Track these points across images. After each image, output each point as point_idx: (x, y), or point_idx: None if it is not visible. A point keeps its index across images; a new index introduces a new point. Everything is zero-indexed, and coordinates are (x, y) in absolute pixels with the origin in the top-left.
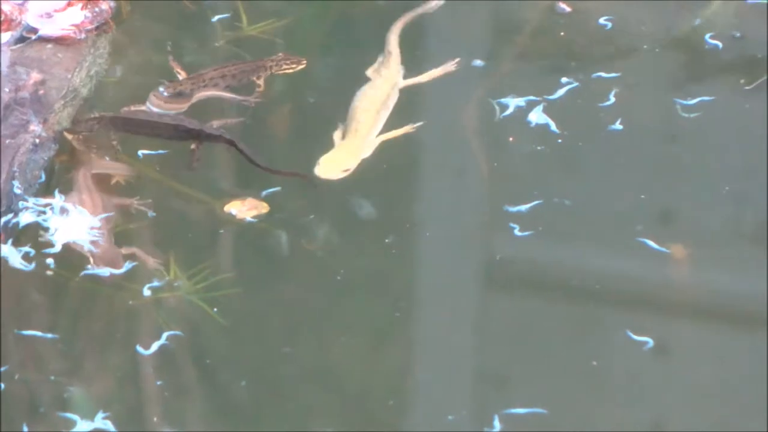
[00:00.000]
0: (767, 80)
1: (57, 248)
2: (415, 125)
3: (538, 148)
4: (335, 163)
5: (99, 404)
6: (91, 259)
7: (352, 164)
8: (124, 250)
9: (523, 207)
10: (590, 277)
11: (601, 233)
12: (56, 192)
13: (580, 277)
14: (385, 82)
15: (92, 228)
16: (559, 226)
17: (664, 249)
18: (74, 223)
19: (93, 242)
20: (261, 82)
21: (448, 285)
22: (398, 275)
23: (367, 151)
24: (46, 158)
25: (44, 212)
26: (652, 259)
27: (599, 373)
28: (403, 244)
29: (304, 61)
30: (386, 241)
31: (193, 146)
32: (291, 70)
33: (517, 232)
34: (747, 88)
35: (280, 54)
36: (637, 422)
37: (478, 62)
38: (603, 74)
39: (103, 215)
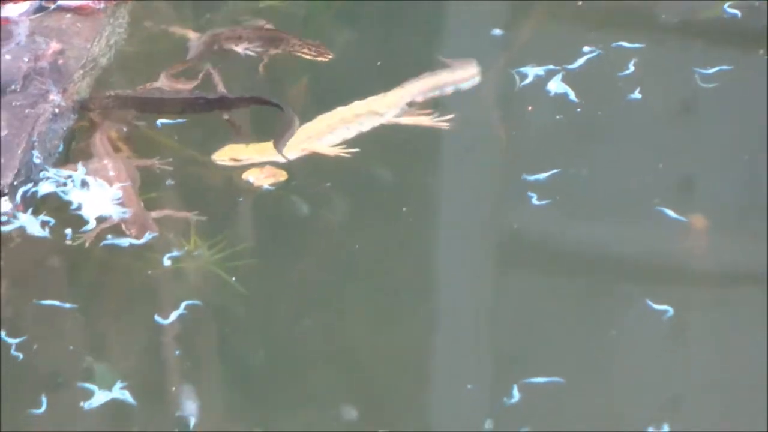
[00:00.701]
0: None
1: (92, 225)
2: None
3: (557, 117)
4: (233, 151)
5: (117, 375)
6: (123, 226)
7: (247, 159)
8: (154, 214)
9: (541, 176)
10: (608, 246)
11: (620, 202)
12: (79, 165)
13: (599, 246)
14: (364, 106)
15: (117, 196)
16: (576, 195)
17: (682, 218)
18: (98, 195)
19: (122, 209)
20: (274, 52)
21: (465, 254)
22: (415, 245)
23: (288, 156)
24: (65, 128)
25: (65, 184)
26: (670, 228)
27: (618, 342)
28: (420, 213)
29: (330, 55)
30: (403, 209)
31: (226, 116)
32: (309, 57)
33: (534, 201)
34: (767, 57)
35: (309, 40)
36: (656, 391)
37: (497, 31)
38: (624, 44)
39: (127, 182)
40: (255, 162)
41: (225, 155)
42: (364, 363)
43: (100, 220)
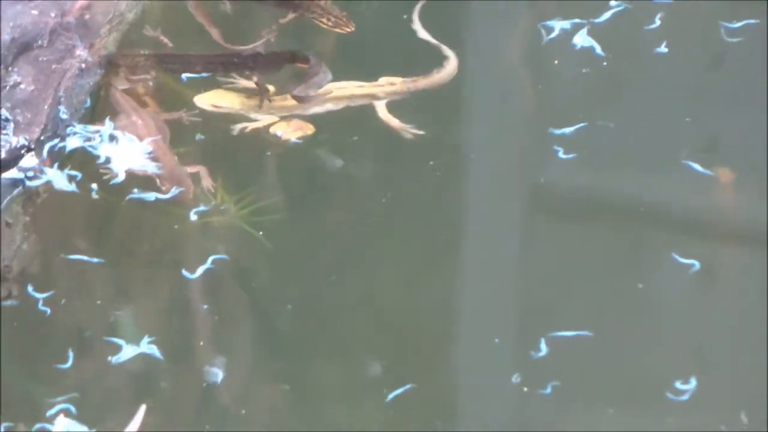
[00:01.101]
0: None
1: (121, 177)
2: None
3: (583, 71)
4: (214, 97)
5: (144, 329)
6: (158, 181)
7: (227, 106)
8: (189, 169)
9: (567, 130)
10: (635, 200)
11: (646, 156)
12: (107, 120)
13: (625, 200)
14: (364, 89)
15: (148, 150)
16: (603, 148)
17: (709, 172)
18: (127, 149)
19: (155, 163)
20: (291, 17)
21: (492, 208)
22: (443, 198)
23: (261, 115)
24: (92, 83)
25: (92, 138)
26: (697, 182)
27: (645, 295)
28: (447, 168)
29: (350, 29)
30: (430, 163)
31: (255, 80)
32: (326, 27)
33: (561, 154)
34: None
35: (334, 8)
36: (683, 344)
37: None
38: None
39: (157, 136)
40: (233, 112)
41: (207, 99)
42: (392, 317)
43: (131, 172)
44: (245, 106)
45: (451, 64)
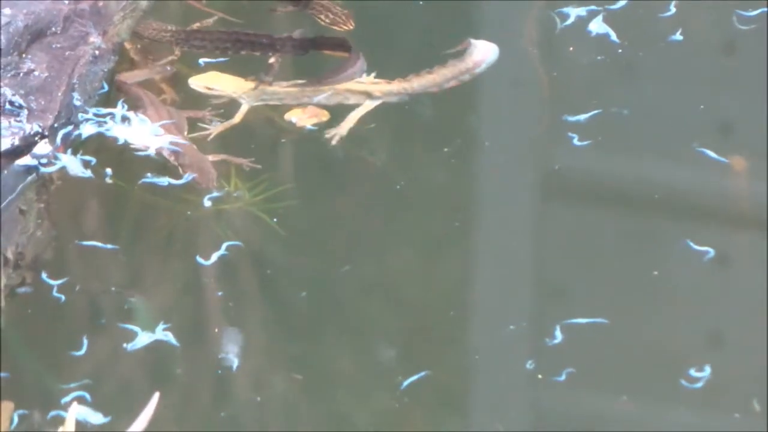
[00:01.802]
0: None
1: (151, 152)
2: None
3: (598, 58)
4: (209, 79)
5: (160, 316)
6: (181, 169)
7: (220, 91)
8: (212, 157)
9: (582, 117)
10: (649, 187)
11: (660, 143)
12: (119, 102)
13: (639, 187)
14: (360, 86)
15: (169, 139)
16: (617, 135)
17: (723, 159)
18: (142, 129)
19: (176, 150)
20: (290, 9)
21: (506, 195)
22: (457, 185)
23: (249, 99)
24: (105, 70)
25: (105, 122)
26: (711, 169)
27: (660, 282)
28: (461, 154)
29: (349, 27)
30: (444, 150)
31: (272, 60)
32: (323, 23)
33: (575, 141)
34: None
35: (336, 5)
36: (697, 331)
37: None
38: None
39: (176, 135)
40: (225, 95)
41: (201, 81)
42: (406, 304)
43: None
44: (239, 90)
45: (470, 58)
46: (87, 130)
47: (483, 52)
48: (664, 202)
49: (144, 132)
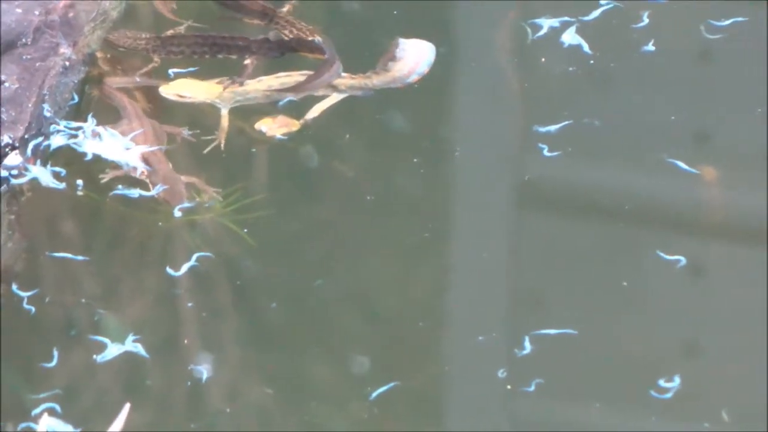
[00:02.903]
0: None
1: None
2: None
3: (570, 69)
4: (180, 86)
5: (130, 327)
6: (151, 186)
7: (193, 98)
8: (184, 178)
9: (552, 127)
10: (620, 198)
11: (631, 154)
12: (89, 116)
13: (610, 198)
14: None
15: (140, 152)
16: (588, 146)
17: (694, 170)
18: (115, 144)
19: (149, 167)
20: (255, 22)
21: (478, 205)
22: (428, 196)
23: (223, 103)
24: (75, 81)
25: (77, 136)
26: (682, 180)
27: (631, 293)
28: (432, 165)
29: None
30: (414, 161)
31: (247, 62)
32: (286, 39)
33: (546, 152)
34: None
35: (301, 23)
36: (668, 342)
37: None
38: None
39: (155, 146)
40: (198, 101)
41: (173, 89)
42: (377, 314)
43: (117, 167)
44: (211, 95)
45: (406, 58)
46: (57, 141)
47: (415, 56)
48: (635, 213)
49: (116, 147)
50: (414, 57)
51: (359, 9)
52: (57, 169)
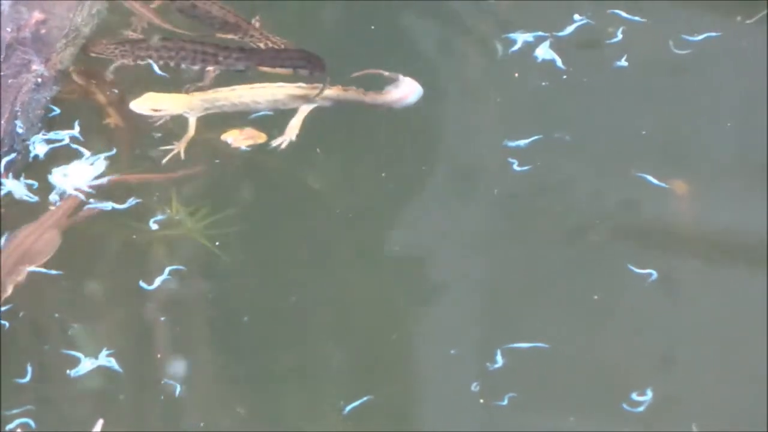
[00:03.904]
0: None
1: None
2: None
3: (543, 83)
4: (152, 100)
5: (103, 342)
6: None
7: (166, 110)
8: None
9: (523, 142)
10: (590, 212)
11: (602, 168)
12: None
13: (580, 212)
14: (278, 89)
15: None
16: (558, 161)
17: (663, 184)
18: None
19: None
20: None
21: (446, 221)
22: (396, 211)
23: (193, 112)
24: (48, 97)
25: (50, 152)
26: (653, 194)
27: (601, 307)
28: (399, 179)
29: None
30: (382, 175)
31: (210, 68)
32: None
33: (515, 167)
34: (748, 22)
35: (275, 36)
36: (641, 356)
37: None
38: (620, 12)
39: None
40: (170, 113)
41: (144, 104)
42: (348, 331)
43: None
44: (182, 105)
45: (398, 90)
46: (31, 154)
47: (406, 90)
48: (606, 227)
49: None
50: (406, 91)
51: (339, 23)
52: (30, 181)
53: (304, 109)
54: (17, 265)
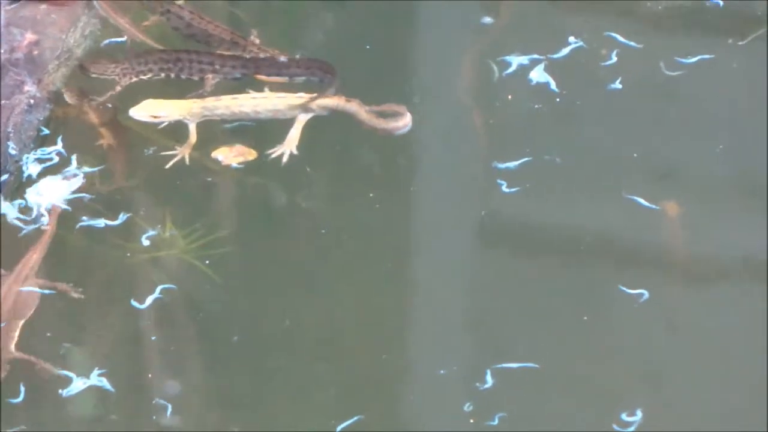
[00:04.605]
0: (766, 35)
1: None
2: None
3: (536, 106)
4: (151, 107)
5: (95, 361)
6: None
7: (167, 116)
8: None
9: (512, 164)
10: (580, 234)
11: (592, 191)
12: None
13: (568, 234)
14: (279, 99)
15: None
16: (548, 183)
17: (654, 206)
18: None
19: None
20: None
21: (436, 241)
22: (389, 231)
23: (192, 118)
24: (40, 118)
25: (43, 172)
26: (642, 216)
27: (592, 327)
28: (388, 200)
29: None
30: (370, 195)
31: (209, 75)
32: None
33: (504, 188)
34: (740, 43)
35: (274, 49)
36: (632, 376)
37: (487, 19)
38: (615, 35)
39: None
40: (170, 119)
41: (144, 111)
42: (339, 348)
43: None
44: (182, 111)
45: (399, 123)
46: (25, 174)
47: (406, 122)
48: (597, 249)
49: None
50: (405, 123)
51: (334, 42)
52: (21, 201)
53: (302, 119)
54: (10, 331)
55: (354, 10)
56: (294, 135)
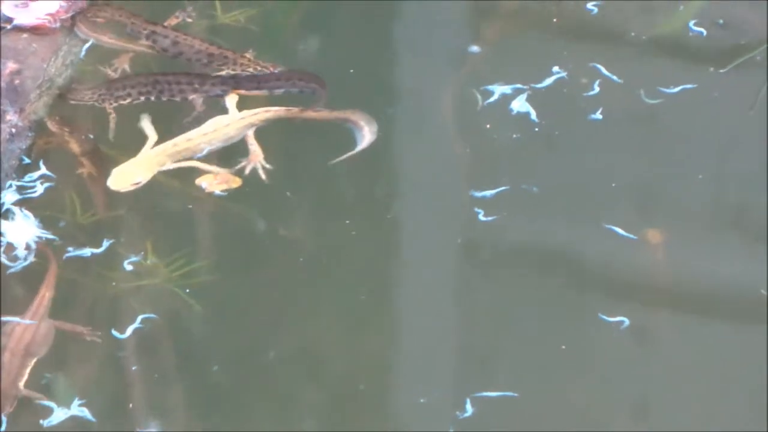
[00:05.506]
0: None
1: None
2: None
3: (514, 135)
4: (127, 176)
5: (75, 391)
6: None
7: (144, 178)
8: (57, 323)
9: (489, 193)
10: (558, 263)
11: (571, 220)
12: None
13: (547, 262)
14: (239, 121)
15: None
16: (526, 212)
17: (632, 236)
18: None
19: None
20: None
21: (419, 269)
22: (369, 258)
23: (168, 164)
24: (23, 147)
25: (25, 202)
26: (623, 245)
27: (572, 355)
28: (362, 227)
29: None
30: (346, 222)
31: (192, 96)
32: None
33: (481, 217)
34: (722, 71)
35: (264, 62)
36: (614, 404)
37: (474, 48)
38: (598, 66)
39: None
40: (147, 178)
41: (121, 182)
42: (322, 375)
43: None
44: (154, 164)
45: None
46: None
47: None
48: (576, 277)
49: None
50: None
51: (317, 65)
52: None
53: (250, 134)
54: (22, 368)
55: (339, 35)
56: (255, 149)
